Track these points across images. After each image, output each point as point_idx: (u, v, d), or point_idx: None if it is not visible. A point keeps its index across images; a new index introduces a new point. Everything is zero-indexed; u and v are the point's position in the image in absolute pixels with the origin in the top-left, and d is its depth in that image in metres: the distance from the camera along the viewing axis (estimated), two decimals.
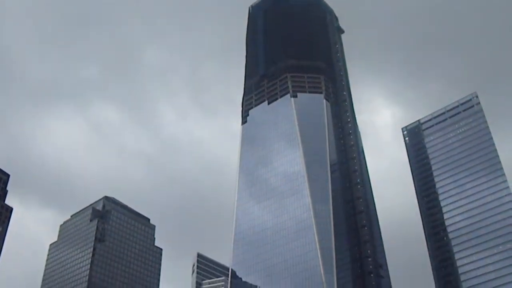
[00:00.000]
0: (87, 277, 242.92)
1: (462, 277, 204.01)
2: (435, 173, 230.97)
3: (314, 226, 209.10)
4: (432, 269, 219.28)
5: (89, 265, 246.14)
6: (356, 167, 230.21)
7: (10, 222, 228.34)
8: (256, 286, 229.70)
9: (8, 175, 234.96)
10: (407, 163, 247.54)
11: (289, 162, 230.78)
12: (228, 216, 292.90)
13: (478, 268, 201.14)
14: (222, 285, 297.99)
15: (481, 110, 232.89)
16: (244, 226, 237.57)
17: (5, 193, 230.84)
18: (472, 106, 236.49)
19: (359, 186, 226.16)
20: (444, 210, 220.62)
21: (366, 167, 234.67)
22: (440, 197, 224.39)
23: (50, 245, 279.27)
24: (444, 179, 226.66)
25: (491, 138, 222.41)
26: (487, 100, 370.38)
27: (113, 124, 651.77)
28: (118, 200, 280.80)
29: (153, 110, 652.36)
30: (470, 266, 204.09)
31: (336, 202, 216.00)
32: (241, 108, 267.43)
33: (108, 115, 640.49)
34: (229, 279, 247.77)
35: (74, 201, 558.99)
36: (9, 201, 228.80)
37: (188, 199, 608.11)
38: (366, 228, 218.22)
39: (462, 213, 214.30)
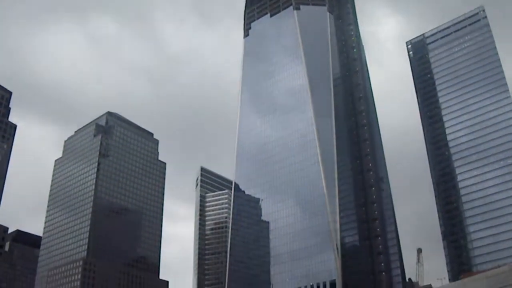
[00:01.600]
0: (93, 191, 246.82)
1: (462, 192, 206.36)
2: (438, 88, 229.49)
3: (316, 140, 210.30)
4: (433, 183, 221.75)
5: (94, 180, 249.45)
6: (359, 81, 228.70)
7: (15, 139, 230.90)
8: (259, 199, 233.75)
9: (10, 92, 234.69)
10: (411, 77, 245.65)
11: (292, 76, 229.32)
12: (231, 130, 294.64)
13: (478, 183, 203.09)
14: (226, 198, 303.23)
15: (488, 24, 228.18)
16: (247, 140, 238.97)
17: (8, 110, 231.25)
18: (479, 20, 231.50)
19: (361, 100, 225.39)
20: (446, 125, 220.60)
21: (369, 81, 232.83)
22: (443, 112, 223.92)
23: (55, 161, 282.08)
24: (447, 94, 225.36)
25: (497, 53, 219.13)
26: (494, 15, 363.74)
27: (112, 38, 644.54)
28: (121, 115, 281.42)
29: (153, 22, 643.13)
30: (470, 181, 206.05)
31: (339, 116, 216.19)
32: (243, 21, 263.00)
33: (107, 29, 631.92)
34: (233, 192, 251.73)
35: (77, 117, 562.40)
36: (12, 118, 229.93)
37: (191, 114, 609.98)
38: (368, 141, 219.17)
39: (464, 128, 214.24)
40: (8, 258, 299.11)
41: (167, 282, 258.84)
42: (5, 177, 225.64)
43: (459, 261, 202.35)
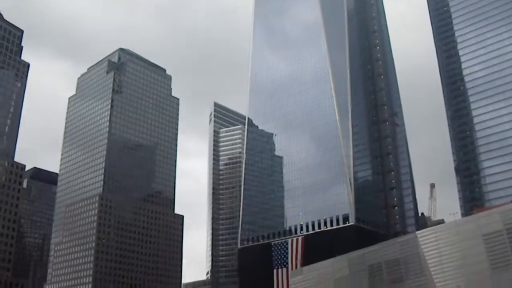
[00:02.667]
0: (107, 128, 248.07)
1: (477, 127, 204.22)
2: (454, 21, 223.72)
3: (330, 74, 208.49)
4: (447, 118, 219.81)
5: (108, 117, 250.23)
6: (373, 14, 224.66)
7: (28, 77, 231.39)
8: (272, 134, 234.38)
9: (22, 31, 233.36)
10: (427, 10, 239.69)
11: (305, 10, 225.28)
12: (244, 65, 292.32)
13: (493, 118, 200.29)
14: (239, 133, 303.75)
15: None
16: (260, 75, 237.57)
17: (20, 49, 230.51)
18: None
19: (376, 34, 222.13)
20: (462, 59, 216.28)
21: (384, 14, 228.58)
22: (459, 46, 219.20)
23: (69, 98, 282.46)
24: (464, 27, 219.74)
25: None
26: None
27: None
28: (133, 52, 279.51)
29: None
30: (485, 116, 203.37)
31: (353, 50, 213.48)
32: None
33: None
34: (246, 127, 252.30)
35: (89, 54, 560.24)
36: (25, 57, 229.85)
37: (204, 49, 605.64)
38: (382, 76, 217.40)
39: (481, 63, 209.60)
40: (27, 195, 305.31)
41: (182, 216, 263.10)
42: (20, 115, 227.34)
43: (472, 196, 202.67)
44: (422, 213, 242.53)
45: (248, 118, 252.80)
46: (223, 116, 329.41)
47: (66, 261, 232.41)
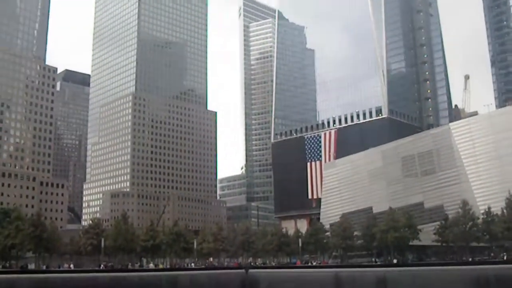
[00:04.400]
0: (136, 26, 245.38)
1: None
2: None
3: None
4: (484, 7, 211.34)
5: (136, 15, 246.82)
6: None
7: None
8: (303, 27, 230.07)
9: None
10: None
11: None
12: None
13: None
14: (270, 27, 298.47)
15: None
16: None
17: None
18: None
19: None
20: None
21: None
22: None
23: None
24: None
25: None
26: None
27: None
28: None
29: None
30: None
31: None
32: None
33: None
34: (276, 20, 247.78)
35: None
36: None
37: None
38: None
39: None
40: (61, 98, 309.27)
41: (215, 113, 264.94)
42: (48, 18, 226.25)
43: (507, 88, 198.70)
44: (456, 105, 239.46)
45: (278, 11, 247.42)
46: (252, 10, 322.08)
47: (103, 161, 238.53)
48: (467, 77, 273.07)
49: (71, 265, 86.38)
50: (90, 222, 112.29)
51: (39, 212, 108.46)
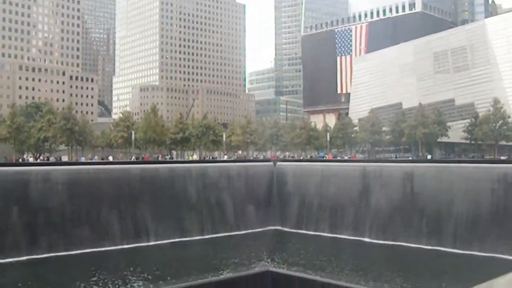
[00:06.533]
0: None
1: None
2: None
3: None
4: None
5: None
6: None
7: None
8: None
9: None
10: None
11: None
12: None
13: None
14: None
15: None
16: None
17: None
18: None
19: None
20: None
21: None
22: None
23: None
24: None
25: None
26: None
27: None
28: None
29: None
30: None
31: None
32: None
33: None
34: None
35: None
36: None
37: None
38: None
39: None
40: None
41: (244, 5, 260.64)
42: None
43: None
44: (493, 0, 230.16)
45: None
46: None
47: (132, 54, 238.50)
48: None
49: (110, 157, 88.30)
50: (120, 115, 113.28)
51: (70, 106, 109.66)
